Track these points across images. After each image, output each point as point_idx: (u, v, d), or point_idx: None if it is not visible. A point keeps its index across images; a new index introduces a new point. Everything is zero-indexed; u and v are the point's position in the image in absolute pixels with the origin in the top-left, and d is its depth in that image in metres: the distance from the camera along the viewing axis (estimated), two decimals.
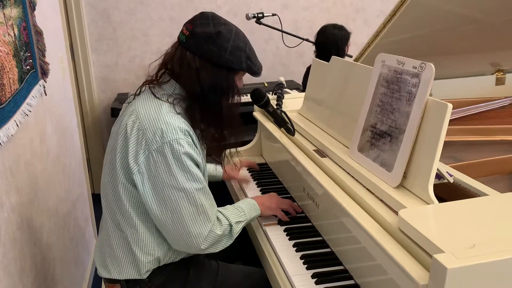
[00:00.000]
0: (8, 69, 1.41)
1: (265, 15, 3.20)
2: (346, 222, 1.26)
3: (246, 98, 2.98)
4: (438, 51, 1.87)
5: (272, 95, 2.02)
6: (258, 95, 1.75)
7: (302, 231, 1.53)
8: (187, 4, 3.68)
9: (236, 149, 1.66)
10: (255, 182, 1.96)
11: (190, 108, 1.38)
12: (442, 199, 1.19)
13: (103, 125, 3.76)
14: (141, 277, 1.42)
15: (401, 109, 1.22)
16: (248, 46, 1.39)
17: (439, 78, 1.84)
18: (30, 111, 1.59)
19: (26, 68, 1.63)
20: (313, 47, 3.18)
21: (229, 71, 1.37)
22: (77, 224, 2.37)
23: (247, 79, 1.53)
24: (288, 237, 1.51)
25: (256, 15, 3.18)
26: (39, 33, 1.88)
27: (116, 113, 3.28)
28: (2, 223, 1.31)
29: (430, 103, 1.14)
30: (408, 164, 1.17)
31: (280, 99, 1.99)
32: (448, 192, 1.23)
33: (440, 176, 1.20)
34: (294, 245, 1.46)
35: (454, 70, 2.03)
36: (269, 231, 1.55)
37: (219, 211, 1.44)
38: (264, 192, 1.83)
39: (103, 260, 1.46)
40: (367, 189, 1.26)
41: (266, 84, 3.57)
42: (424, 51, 1.84)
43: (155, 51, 3.67)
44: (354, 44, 3.32)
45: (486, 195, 1.13)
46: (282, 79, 2.16)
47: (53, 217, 1.91)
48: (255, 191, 1.88)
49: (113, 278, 1.44)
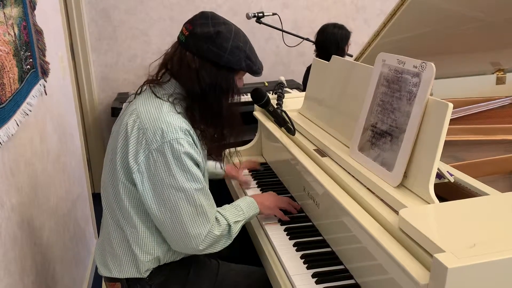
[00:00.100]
0: (8, 69, 1.41)
1: (266, 15, 3.20)
2: (347, 222, 1.26)
3: (247, 98, 2.97)
4: (439, 51, 1.87)
5: (273, 95, 2.02)
6: (259, 95, 1.75)
7: (303, 231, 1.53)
8: (187, 4, 3.68)
9: (236, 149, 1.65)
10: (255, 182, 1.96)
11: (190, 108, 1.38)
12: (443, 199, 1.19)
13: (103, 125, 3.76)
14: (142, 276, 1.42)
15: (402, 109, 1.22)
16: (248, 46, 1.39)
17: (440, 78, 1.84)
18: (30, 111, 1.59)
19: (26, 68, 1.63)
20: (314, 47, 3.18)
21: (229, 71, 1.37)
22: (77, 224, 2.37)
23: (247, 79, 1.52)
24: (289, 237, 1.51)
25: (257, 15, 3.19)
26: (39, 33, 1.88)
27: (116, 113, 3.27)
28: (3, 223, 1.31)
29: (431, 103, 1.14)
30: (409, 164, 1.17)
31: (281, 99, 1.99)
32: (449, 192, 1.23)
33: (441, 176, 1.20)
34: (295, 245, 1.46)
35: (455, 70, 2.03)
36: (269, 231, 1.55)
37: (218, 211, 1.43)
38: (264, 192, 1.83)
39: (104, 259, 1.46)
40: (368, 189, 1.26)
41: (267, 84, 3.56)
42: (425, 51, 1.84)
43: (155, 51, 3.67)
44: (355, 43, 3.31)
45: (487, 195, 1.13)
46: (283, 79, 2.16)
47: (53, 217, 1.91)
48: (255, 191, 1.88)
49: (114, 277, 1.44)
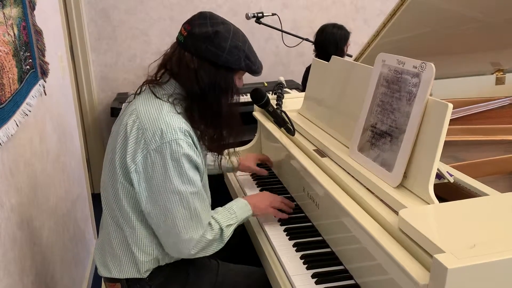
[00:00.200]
0: (8, 69, 1.41)
1: (265, 15, 3.20)
2: (346, 222, 1.26)
3: (246, 98, 2.98)
4: (438, 51, 1.87)
5: (272, 95, 2.02)
6: (258, 95, 1.75)
7: (302, 231, 1.53)
8: (187, 4, 3.68)
9: (235, 149, 1.65)
10: (255, 182, 1.95)
11: (190, 108, 1.38)
12: (443, 199, 1.19)
13: (103, 125, 3.76)
14: (141, 276, 1.42)
15: (402, 109, 1.22)
16: (247, 45, 1.38)
17: (439, 78, 1.84)
18: (30, 111, 1.59)
19: (26, 68, 1.63)
20: (313, 47, 3.18)
21: (228, 71, 1.37)
22: (77, 224, 2.37)
23: (247, 79, 1.52)
24: (288, 237, 1.51)
25: (256, 15, 3.18)
26: (39, 33, 1.87)
27: (116, 113, 3.27)
28: (2, 223, 1.31)
29: (431, 103, 1.14)
30: (409, 164, 1.17)
31: (280, 99, 1.99)
32: (449, 192, 1.23)
33: (441, 176, 1.20)
34: (294, 245, 1.46)
35: (454, 70, 2.03)
36: (269, 231, 1.55)
37: (211, 215, 1.42)
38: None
39: (104, 259, 1.46)
40: (367, 189, 1.25)
41: (266, 84, 3.56)
42: (424, 51, 1.84)
43: (155, 51, 3.67)
44: (354, 44, 3.31)
45: (487, 195, 1.13)
46: (282, 79, 2.16)
47: (53, 217, 1.91)
48: (255, 191, 1.87)
49: (114, 277, 1.44)
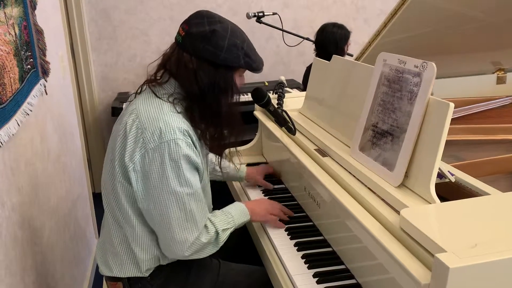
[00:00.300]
0: (9, 69, 1.41)
1: (266, 14, 3.20)
2: (348, 222, 1.26)
3: (247, 97, 2.97)
4: (439, 50, 1.87)
5: (273, 94, 2.02)
6: (259, 95, 1.75)
7: (303, 231, 1.53)
8: (187, 3, 3.67)
9: (236, 149, 1.65)
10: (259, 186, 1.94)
11: (190, 108, 1.37)
12: (444, 198, 1.19)
13: (104, 124, 3.76)
14: (143, 275, 1.42)
15: (403, 108, 1.22)
16: (246, 43, 1.37)
17: (440, 77, 1.84)
18: (31, 110, 1.59)
19: (27, 67, 1.63)
20: (314, 46, 3.18)
21: (227, 70, 1.36)
22: (78, 223, 2.37)
23: (247, 78, 1.52)
24: (289, 237, 1.50)
25: (257, 14, 3.19)
26: (40, 32, 1.87)
27: (117, 112, 3.27)
28: (3, 222, 1.31)
29: (432, 102, 1.14)
30: (410, 163, 1.17)
31: (281, 98, 1.98)
32: (450, 192, 1.23)
33: (442, 175, 1.20)
34: (295, 245, 1.46)
35: (455, 69, 2.03)
36: (271, 231, 1.55)
37: (208, 218, 1.41)
38: (267, 194, 1.83)
39: (105, 258, 1.46)
40: (369, 189, 1.25)
41: (267, 83, 3.56)
42: (425, 50, 1.84)
43: (155, 50, 3.67)
44: (355, 43, 3.31)
45: (488, 194, 1.13)
46: (283, 78, 2.16)
47: (54, 217, 1.91)
48: (259, 194, 1.86)
49: (115, 276, 1.44)
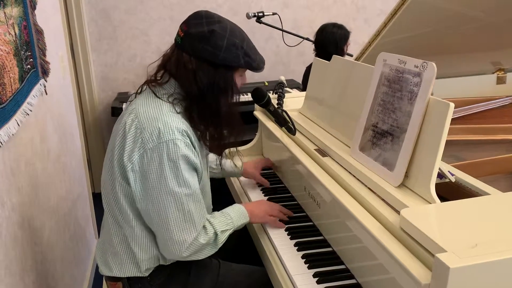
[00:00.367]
0: (9, 68, 1.41)
1: (266, 14, 3.20)
2: (348, 222, 1.26)
3: (247, 97, 2.97)
4: (439, 50, 1.87)
5: (273, 94, 2.02)
6: (259, 94, 1.75)
7: (303, 231, 1.53)
8: (187, 3, 3.67)
9: (237, 149, 1.65)
10: (257, 183, 1.95)
11: (189, 108, 1.37)
12: (444, 198, 1.19)
13: (104, 124, 3.76)
14: (142, 275, 1.42)
15: (403, 108, 1.22)
16: (246, 42, 1.36)
17: (440, 77, 1.84)
18: (31, 110, 1.59)
19: (27, 67, 1.63)
20: (313, 46, 3.18)
21: (227, 69, 1.35)
22: (78, 223, 2.37)
23: (247, 78, 1.52)
24: (290, 237, 1.50)
25: (257, 14, 3.19)
26: (40, 32, 1.87)
27: (117, 112, 3.28)
28: (3, 222, 1.31)
29: (432, 102, 1.14)
30: (410, 163, 1.17)
31: (281, 98, 1.98)
32: (450, 192, 1.22)
33: (442, 175, 1.20)
34: (296, 244, 1.46)
35: (455, 69, 2.03)
36: (271, 231, 1.55)
37: (207, 219, 1.41)
38: (267, 194, 1.83)
39: (105, 258, 1.46)
40: (369, 189, 1.25)
41: (267, 83, 3.57)
42: (425, 50, 1.84)
43: (155, 50, 3.67)
44: (355, 43, 3.31)
45: (488, 194, 1.13)
46: (283, 78, 2.16)
47: (54, 216, 1.91)
48: (259, 194, 1.86)
49: (115, 276, 1.44)
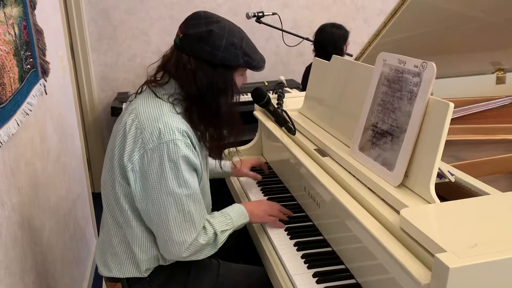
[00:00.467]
0: (9, 68, 1.41)
1: (265, 14, 3.20)
2: (347, 221, 1.26)
3: (247, 97, 2.97)
4: (439, 50, 1.87)
5: (273, 94, 2.02)
6: (259, 94, 1.75)
7: (303, 230, 1.53)
8: (187, 3, 3.67)
9: (236, 149, 1.65)
10: (257, 182, 1.94)
11: (189, 109, 1.37)
12: (444, 198, 1.19)
13: (103, 124, 3.76)
14: (142, 276, 1.42)
15: (403, 108, 1.22)
16: (245, 41, 1.36)
17: (440, 77, 1.84)
18: (31, 110, 1.59)
19: (27, 67, 1.63)
20: (313, 47, 3.18)
21: (226, 69, 1.35)
22: (78, 223, 2.37)
23: (248, 78, 1.52)
24: (289, 236, 1.51)
25: (256, 14, 3.19)
26: (40, 32, 1.87)
27: (116, 112, 3.28)
28: (3, 222, 1.31)
29: (432, 102, 1.14)
30: (410, 163, 1.17)
31: (281, 98, 1.98)
32: (450, 191, 1.23)
33: (442, 175, 1.20)
34: (295, 244, 1.46)
35: (455, 69, 2.03)
36: (270, 231, 1.55)
37: (206, 219, 1.41)
38: (267, 194, 1.83)
39: (104, 259, 1.46)
40: (369, 188, 1.25)
41: (267, 83, 3.57)
42: (425, 50, 1.84)
43: (155, 50, 3.67)
44: (354, 43, 3.31)
45: (488, 194, 1.13)
46: (283, 78, 2.16)
47: (54, 216, 1.91)
48: (258, 193, 1.86)
49: (114, 277, 1.44)
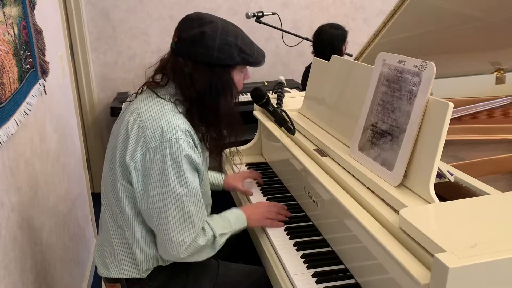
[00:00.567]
0: (8, 68, 1.41)
1: (265, 14, 3.20)
2: (347, 221, 1.26)
3: (246, 97, 2.98)
4: (439, 50, 1.87)
5: (272, 94, 2.02)
6: (259, 94, 1.75)
7: (303, 230, 1.53)
8: (187, 3, 3.67)
9: (237, 149, 1.65)
10: (256, 182, 1.94)
11: (190, 111, 1.37)
12: (443, 198, 1.19)
13: (103, 124, 3.75)
14: (141, 276, 1.42)
15: (402, 108, 1.22)
16: (240, 38, 1.35)
17: (440, 77, 1.84)
18: (30, 110, 1.59)
19: (26, 67, 1.63)
20: (312, 48, 3.18)
21: (224, 69, 1.35)
22: (77, 223, 2.37)
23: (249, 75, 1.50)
24: (289, 236, 1.50)
25: (256, 14, 3.19)
26: (39, 32, 1.87)
27: (116, 112, 3.27)
28: (3, 222, 1.31)
29: (431, 102, 1.14)
30: (409, 163, 1.17)
31: (281, 98, 1.99)
32: (449, 191, 1.23)
33: (441, 175, 1.20)
34: (295, 244, 1.46)
35: (455, 69, 2.03)
36: (270, 231, 1.55)
37: (206, 221, 1.40)
38: (266, 193, 1.83)
39: (103, 259, 1.46)
40: (368, 188, 1.25)
41: (266, 83, 3.57)
42: (425, 50, 1.84)
43: (155, 50, 3.67)
44: (354, 43, 3.31)
45: (487, 194, 1.13)
46: (282, 78, 2.16)
47: (53, 217, 1.91)
48: (259, 195, 1.85)
49: (113, 277, 1.44)
